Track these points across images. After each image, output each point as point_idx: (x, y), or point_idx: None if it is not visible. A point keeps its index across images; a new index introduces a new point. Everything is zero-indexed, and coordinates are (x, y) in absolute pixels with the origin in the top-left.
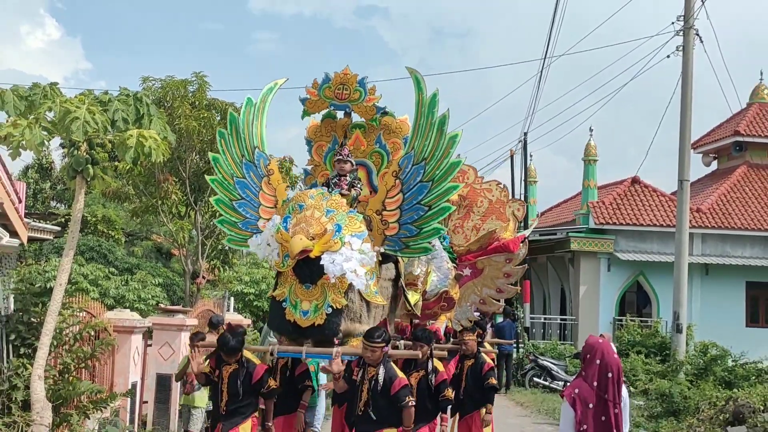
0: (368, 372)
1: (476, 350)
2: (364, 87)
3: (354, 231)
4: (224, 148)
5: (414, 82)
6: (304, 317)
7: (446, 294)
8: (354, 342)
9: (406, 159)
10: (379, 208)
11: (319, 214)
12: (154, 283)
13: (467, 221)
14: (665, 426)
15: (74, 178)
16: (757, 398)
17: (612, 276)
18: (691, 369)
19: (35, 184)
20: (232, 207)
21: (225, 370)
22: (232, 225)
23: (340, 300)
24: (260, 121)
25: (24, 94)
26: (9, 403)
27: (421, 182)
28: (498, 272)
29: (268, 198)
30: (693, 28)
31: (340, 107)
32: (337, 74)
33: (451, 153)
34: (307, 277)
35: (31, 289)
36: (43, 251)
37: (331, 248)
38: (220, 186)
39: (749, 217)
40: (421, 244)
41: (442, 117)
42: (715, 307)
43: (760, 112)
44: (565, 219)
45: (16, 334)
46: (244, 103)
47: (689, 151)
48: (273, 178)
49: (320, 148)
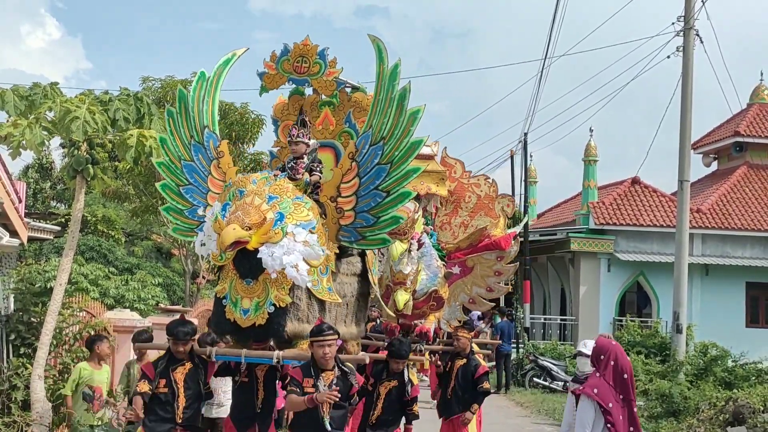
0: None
1: (469, 350)
2: (325, 59)
3: (299, 220)
4: (172, 129)
5: (375, 51)
6: (244, 316)
7: (435, 293)
8: (303, 345)
9: (363, 139)
10: (333, 194)
11: (260, 201)
12: (154, 283)
13: (455, 217)
14: (665, 426)
15: (74, 177)
16: (756, 399)
17: (612, 276)
18: (691, 369)
19: (35, 183)
20: (178, 193)
21: (178, 372)
22: (178, 213)
23: (283, 297)
24: (212, 98)
25: (24, 94)
26: (9, 403)
27: (378, 165)
28: (489, 270)
29: (217, 183)
30: (693, 29)
31: (298, 82)
32: (296, 45)
33: (412, 131)
34: (247, 272)
35: (31, 289)
36: (43, 251)
37: (270, 239)
38: (166, 170)
39: (749, 218)
40: (378, 234)
41: (402, 90)
42: (715, 308)
43: (760, 113)
44: (565, 219)
45: (16, 333)
46: (196, 78)
47: (689, 152)
48: (223, 161)
49: (287, 128)
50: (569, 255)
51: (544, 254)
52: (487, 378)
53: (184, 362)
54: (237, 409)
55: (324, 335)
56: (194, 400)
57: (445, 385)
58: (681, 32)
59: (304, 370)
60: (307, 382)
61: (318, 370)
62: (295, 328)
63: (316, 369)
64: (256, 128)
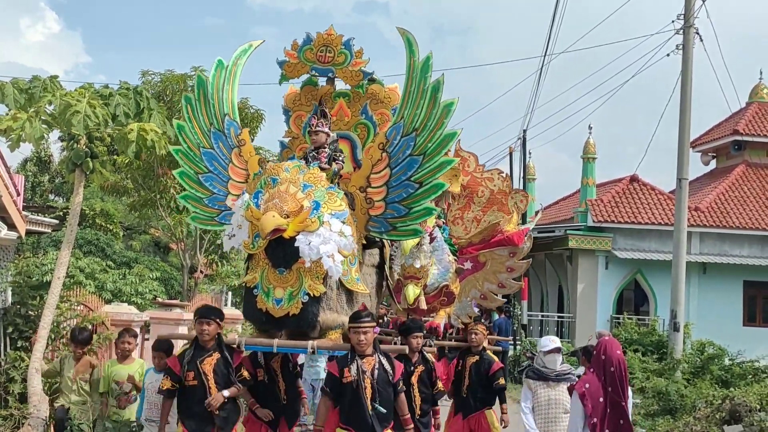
0: (364, 364)
1: (482, 346)
2: (350, 49)
3: (334, 209)
4: (191, 116)
5: (405, 44)
6: (277, 306)
7: (446, 288)
8: (333, 335)
9: (395, 130)
10: (363, 185)
11: (295, 189)
12: (152, 277)
13: (467, 212)
14: (661, 424)
15: (73, 171)
16: (753, 397)
17: (610, 274)
18: (688, 367)
19: (34, 177)
20: (197, 181)
21: (206, 363)
22: (197, 201)
23: (317, 287)
24: (231, 86)
25: (24, 87)
26: (6, 396)
27: (411, 156)
28: (501, 266)
29: (239, 172)
30: (693, 27)
31: (322, 72)
32: (319, 34)
33: (446, 123)
34: (280, 261)
35: (29, 282)
36: (41, 244)
37: (307, 228)
38: (184, 157)
39: (747, 216)
40: (410, 225)
41: (436, 83)
42: (712, 306)
43: (759, 112)
44: (563, 216)
45: (14, 327)
46: (214, 66)
47: (688, 150)
48: (245, 149)
49: (299, 119)
50: (567, 252)
51: (541, 251)
52: (502, 374)
53: (211, 352)
54: (263, 406)
55: (361, 321)
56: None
57: (459, 383)
58: (681, 30)
59: (340, 362)
60: (347, 372)
61: (355, 356)
62: (327, 318)
63: (352, 356)
64: (255, 123)
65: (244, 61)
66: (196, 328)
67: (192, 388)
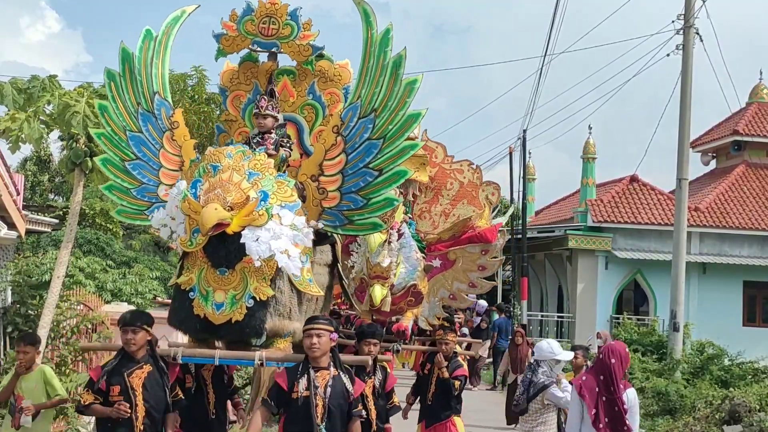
0: (318, 378)
1: (453, 351)
2: (297, 21)
3: (284, 200)
4: (115, 94)
5: (362, 15)
6: (217, 311)
7: (414, 288)
8: (281, 344)
9: (351, 110)
10: (314, 173)
11: (239, 178)
12: (152, 276)
13: (435, 205)
14: (661, 424)
15: (72, 170)
16: (753, 397)
17: (609, 274)
18: (687, 368)
19: (33, 176)
20: (123, 169)
21: (135, 376)
22: (123, 192)
23: (264, 290)
24: (162, 60)
25: (23, 87)
26: None
27: (369, 140)
28: (472, 265)
29: (171, 158)
30: (693, 27)
31: (265, 45)
32: (261, 3)
33: (408, 103)
34: (222, 260)
35: (29, 281)
36: (40, 244)
37: (254, 222)
38: (108, 142)
39: (747, 217)
40: (369, 218)
41: (397, 57)
42: (712, 306)
43: (759, 112)
44: (563, 216)
45: (14, 326)
46: (141, 36)
47: (688, 150)
48: (178, 132)
49: (237, 99)
50: (567, 252)
51: (541, 251)
52: (463, 382)
53: (141, 364)
54: (187, 420)
55: (316, 323)
56: (156, 411)
57: (425, 390)
58: (681, 30)
59: (290, 374)
60: (297, 386)
61: (308, 368)
62: (275, 325)
63: (305, 366)
64: None
65: (176, 30)
66: (121, 337)
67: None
